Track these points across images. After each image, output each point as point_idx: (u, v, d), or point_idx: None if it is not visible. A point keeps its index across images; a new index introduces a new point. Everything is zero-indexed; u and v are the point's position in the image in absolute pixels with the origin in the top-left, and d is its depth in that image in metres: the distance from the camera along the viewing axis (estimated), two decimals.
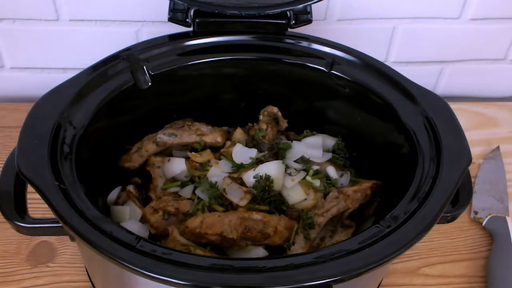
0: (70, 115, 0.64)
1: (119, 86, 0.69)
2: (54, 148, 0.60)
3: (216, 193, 0.68)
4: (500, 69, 1.08)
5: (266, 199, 0.68)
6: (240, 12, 0.73)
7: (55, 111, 0.63)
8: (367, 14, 0.96)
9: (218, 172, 0.71)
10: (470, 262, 0.79)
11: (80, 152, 0.62)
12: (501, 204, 0.85)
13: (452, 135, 0.64)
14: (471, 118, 1.03)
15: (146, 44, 0.74)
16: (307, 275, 0.50)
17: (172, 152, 0.76)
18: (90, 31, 0.93)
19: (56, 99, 0.64)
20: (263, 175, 0.69)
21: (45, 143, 0.59)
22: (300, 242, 0.64)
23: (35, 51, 0.96)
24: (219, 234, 0.63)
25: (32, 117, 0.62)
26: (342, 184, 0.73)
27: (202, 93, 0.79)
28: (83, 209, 0.55)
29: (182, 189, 0.71)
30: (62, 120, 0.63)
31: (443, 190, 0.58)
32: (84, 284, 0.73)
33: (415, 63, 1.05)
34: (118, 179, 0.74)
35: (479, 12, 0.97)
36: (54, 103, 0.64)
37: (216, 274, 0.49)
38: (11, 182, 0.60)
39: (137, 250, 0.51)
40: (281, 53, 0.76)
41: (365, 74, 0.73)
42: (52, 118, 0.62)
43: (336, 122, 0.79)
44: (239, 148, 0.73)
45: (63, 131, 0.62)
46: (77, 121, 0.64)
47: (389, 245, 0.53)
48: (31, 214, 0.59)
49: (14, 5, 0.90)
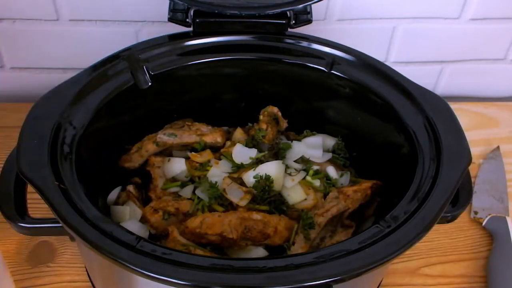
0: (70, 115, 0.64)
1: (119, 86, 0.69)
2: (54, 148, 0.60)
3: (216, 193, 0.68)
4: (500, 69, 1.08)
5: (266, 199, 0.68)
6: (240, 12, 0.73)
7: (55, 111, 0.63)
8: (367, 14, 0.96)
9: (218, 172, 0.71)
10: (470, 262, 0.79)
11: (80, 152, 0.62)
12: (501, 204, 0.85)
13: (452, 135, 0.64)
14: (471, 118, 1.03)
15: (146, 44, 0.74)
16: (307, 275, 0.50)
17: (172, 152, 0.76)
18: (90, 31, 0.93)
19: (56, 99, 0.64)
20: (263, 175, 0.69)
21: (45, 143, 0.59)
22: (300, 242, 0.64)
23: (35, 51, 0.96)
24: (219, 234, 0.63)
25: (32, 117, 0.62)
26: (342, 184, 0.73)
27: (202, 93, 0.79)
28: (83, 209, 0.55)
29: (182, 189, 0.71)
30: (62, 120, 0.63)
31: (443, 190, 0.58)
32: (84, 284, 0.73)
33: (415, 63, 1.05)
34: (118, 179, 0.74)
35: (479, 12, 0.97)
36: (54, 103, 0.64)
37: (216, 274, 0.49)
38: (11, 182, 0.60)
39: (137, 250, 0.51)
40: (281, 53, 0.76)
41: (365, 74, 0.73)
42: (52, 118, 0.62)
43: (336, 122, 0.79)
44: (239, 148, 0.73)
45: (63, 131, 0.62)
46: (77, 121, 0.64)
47: (389, 245, 0.53)
48: (31, 214, 0.59)
49: (14, 5, 0.90)
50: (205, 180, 0.70)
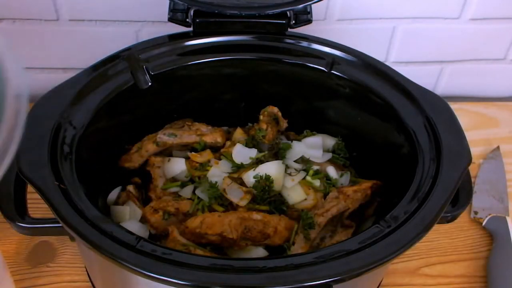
0: (70, 115, 0.64)
1: (119, 86, 0.69)
2: (54, 148, 0.60)
3: (216, 193, 0.68)
4: (500, 69, 1.08)
5: (266, 199, 0.68)
6: (240, 12, 0.73)
7: (55, 111, 0.63)
8: (367, 14, 0.96)
9: (218, 172, 0.71)
10: (470, 262, 0.79)
11: (80, 152, 0.62)
12: (501, 204, 0.85)
13: (452, 135, 0.64)
14: (471, 118, 1.02)
15: (146, 44, 0.74)
16: (307, 275, 0.50)
17: (172, 152, 0.76)
18: (90, 31, 0.93)
19: (56, 99, 0.64)
20: (263, 175, 0.69)
21: (45, 143, 0.59)
22: (300, 242, 0.64)
23: (35, 51, 0.96)
24: (219, 234, 0.63)
25: (32, 117, 0.62)
26: (342, 184, 0.73)
27: (202, 93, 0.79)
28: (83, 209, 0.55)
29: (182, 189, 0.71)
30: (62, 120, 0.63)
31: (443, 190, 0.58)
32: (84, 284, 0.73)
33: (415, 63, 1.05)
34: (118, 179, 0.74)
35: (479, 12, 0.97)
36: (54, 103, 0.64)
37: (216, 274, 0.49)
38: (11, 182, 0.60)
39: (137, 250, 0.51)
40: (281, 53, 0.76)
41: (365, 74, 0.73)
42: (52, 118, 0.62)
43: (336, 122, 0.79)
44: (239, 148, 0.73)
45: (63, 131, 0.62)
46: (77, 121, 0.64)
47: (389, 245, 0.53)
48: (31, 214, 0.59)
49: (14, 5, 0.90)
50: (205, 180, 0.70)
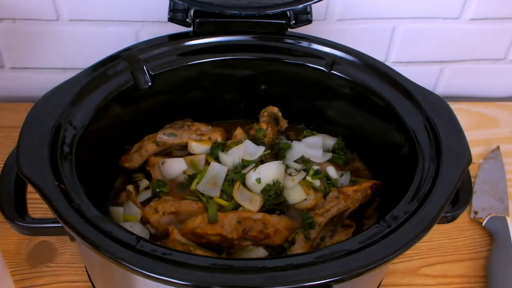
0: (70, 115, 0.64)
1: (119, 86, 0.70)
2: (54, 148, 0.60)
3: (239, 176, 0.68)
4: (500, 69, 1.08)
5: (275, 204, 0.68)
6: (240, 12, 0.73)
7: (55, 111, 0.63)
8: (367, 14, 0.96)
9: (219, 166, 0.71)
10: (470, 262, 0.79)
11: (80, 152, 0.62)
12: (501, 204, 0.85)
13: (452, 135, 0.64)
14: (471, 118, 1.03)
15: (146, 44, 0.74)
16: (307, 275, 0.50)
17: (172, 152, 0.76)
18: (90, 31, 0.93)
19: (56, 99, 0.64)
20: (270, 181, 0.69)
21: (45, 143, 0.59)
22: (300, 242, 0.64)
23: (35, 51, 0.96)
24: (219, 234, 0.63)
25: (32, 117, 0.62)
26: (342, 184, 0.73)
27: (202, 93, 0.79)
28: (83, 209, 0.55)
29: (182, 188, 0.71)
30: (62, 120, 0.63)
31: (443, 190, 0.58)
32: (84, 284, 0.73)
33: (415, 63, 1.05)
34: (118, 179, 0.74)
35: (479, 12, 0.97)
36: (54, 103, 0.64)
37: (216, 274, 0.49)
38: (11, 182, 0.60)
39: (137, 250, 0.51)
40: (281, 53, 0.76)
41: (365, 74, 0.73)
42: (52, 118, 0.62)
43: (336, 122, 0.79)
44: (249, 144, 0.73)
45: (63, 131, 0.62)
46: (77, 121, 0.64)
47: (389, 245, 0.53)
48: (31, 214, 0.59)
49: (14, 5, 0.90)
50: (206, 174, 0.70)
